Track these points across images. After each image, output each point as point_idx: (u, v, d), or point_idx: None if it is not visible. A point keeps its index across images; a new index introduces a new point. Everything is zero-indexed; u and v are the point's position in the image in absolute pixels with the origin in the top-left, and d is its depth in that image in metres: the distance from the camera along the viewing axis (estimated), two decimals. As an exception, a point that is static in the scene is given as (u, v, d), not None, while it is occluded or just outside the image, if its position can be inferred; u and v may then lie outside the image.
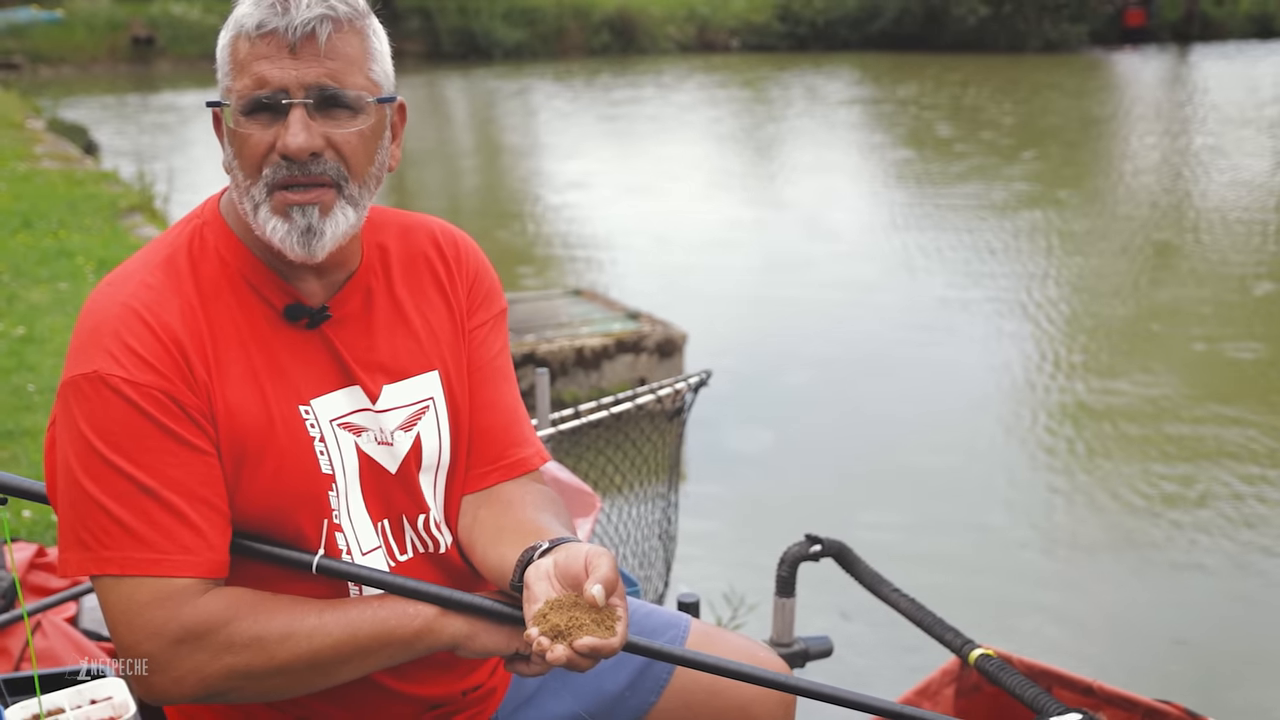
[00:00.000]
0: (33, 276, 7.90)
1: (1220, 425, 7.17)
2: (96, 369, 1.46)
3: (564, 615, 1.38)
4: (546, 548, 1.50)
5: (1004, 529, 5.99)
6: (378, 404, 1.62)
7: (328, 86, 1.49)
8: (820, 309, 9.74)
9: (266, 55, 1.48)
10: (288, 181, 1.50)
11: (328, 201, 1.52)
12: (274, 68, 1.47)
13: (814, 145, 18.65)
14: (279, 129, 1.49)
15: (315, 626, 1.48)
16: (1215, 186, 14.63)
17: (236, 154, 1.52)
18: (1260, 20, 36.02)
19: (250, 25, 1.48)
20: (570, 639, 1.36)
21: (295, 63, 1.48)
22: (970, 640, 2.11)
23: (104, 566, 1.45)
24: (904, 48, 32.44)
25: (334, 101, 1.50)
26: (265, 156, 1.50)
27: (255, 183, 1.51)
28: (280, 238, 1.51)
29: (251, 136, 1.50)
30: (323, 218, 1.51)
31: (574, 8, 33.95)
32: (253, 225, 1.53)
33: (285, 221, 1.51)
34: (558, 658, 1.36)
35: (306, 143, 1.48)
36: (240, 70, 1.50)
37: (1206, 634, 5.04)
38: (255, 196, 1.51)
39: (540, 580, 1.45)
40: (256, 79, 1.48)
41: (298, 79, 1.48)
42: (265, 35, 1.47)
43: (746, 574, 4.92)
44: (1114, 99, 24.28)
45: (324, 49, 1.49)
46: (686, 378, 3.17)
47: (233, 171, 1.54)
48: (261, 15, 1.48)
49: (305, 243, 1.51)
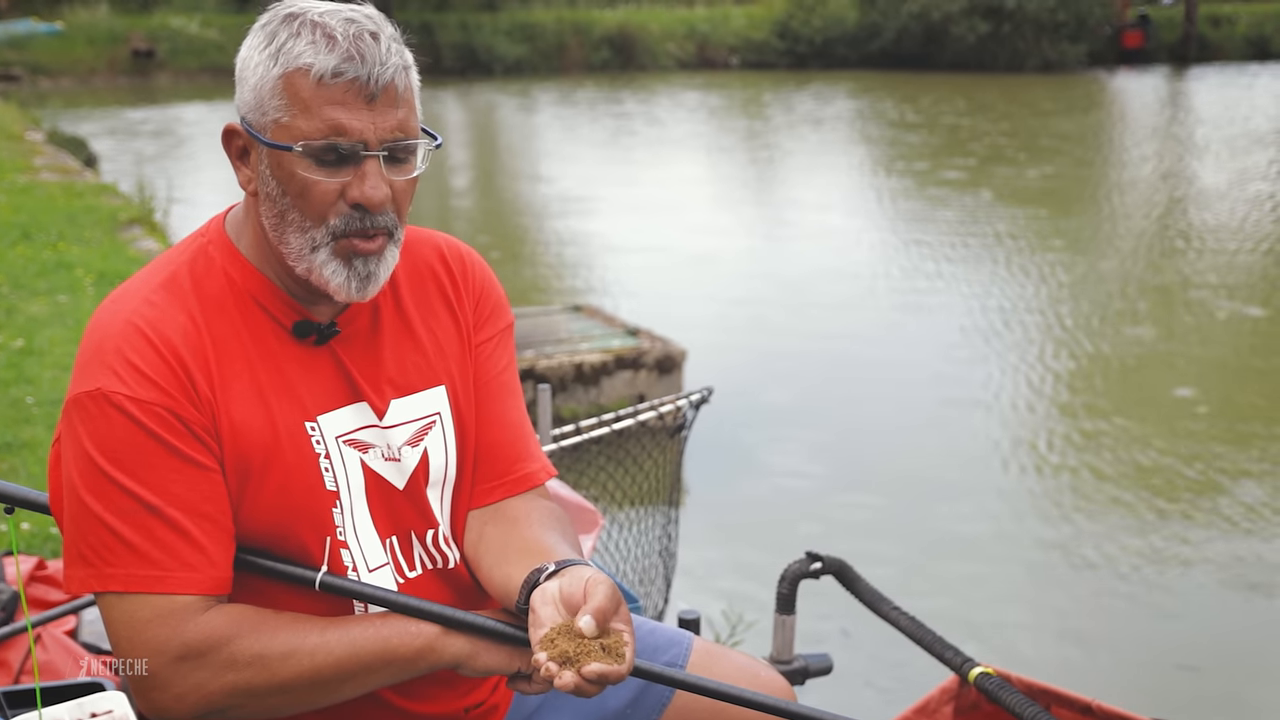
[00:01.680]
0: (32, 289, 7.90)
1: (1221, 445, 7.18)
2: (100, 386, 1.46)
3: (572, 642, 1.38)
4: (553, 570, 1.49)
5: (1007, 547, 5.99)
6: (385, 419, 1.63)
7: (401, 139, 1.50)
8: (821, 326, 9.75)
9: (342, 102, 1.46)
10: (357, 233, 1.51)
11: (384, 248, 1.54)
12: (352, 118, 1.46)
13: (813, 163, 18.69)
14: (349, 177, 1.49)
15: (317, 644, 1.48)
16: (1210, 204, 14.67)
17: (296, 196, 1.50)
18: (1257, 42, 36.14)
19: (324, 69, 1.45)
20: (578, 665, 1.35)
21: (372, 114, 1.47)
22: (969, 658, 2.11)
23: (107, 583, 1.45)
24: (903, 67, 32.52)
25: (403, 152, 1.52)
26: (333, 205, 1.50)
27: (318, 227, 1.50)
28: (339, 283, 1.52)
29: (320, 184, 1.48)
30: (379, 264, 1.54)
31: (574, 24, 34.04)
32: (296, 261, 1.53)
33: (346, 268, 1.52)
34: (566, 684, 1.35)
35: (386, 197, 1.50)
36: (307, 112, 1.46)
37: (1207, 653, 5.04)
38: (314, 239, 1.51)
39: (546, 605, 1.44)
40: (332, 126, 1.46)
41: (375, 131, 1.48)
42: (344, 83, 1.46)
43: (747, 591, 4.93)
44: (1111, 119, 24.35)
45: (399, 100, 1.50)
46: (688, 395, 3.18)
47: (281, 209, 1.51)
48: (337, 62, 1.45)
49: (362, 288, 1.53)
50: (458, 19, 32.90)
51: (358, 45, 1.46)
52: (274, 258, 1.56)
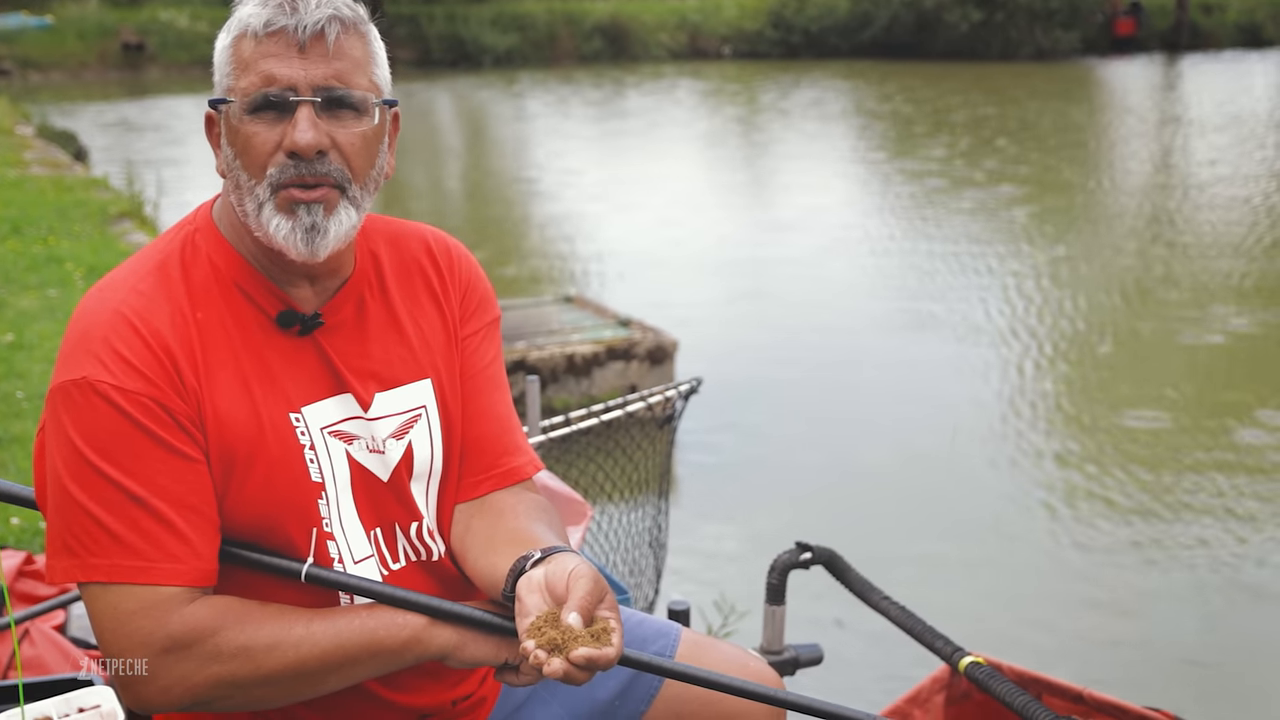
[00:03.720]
0: (22, 283, 7.88)
1: (1221, 442, 7.19)
2: (85, 375, 1.45)
3: (559, 629, 1.37)
4: (539, 558, 1.48)
5: (996, 537, 5.99)
6: (370, 412, 1.62)
7: (335, 87, 1.50)
8: (812, 317, 9.74)
9: (274, 54, 1.48)
10: (294, 180, 1.49)
11: (331, 201, 1.51)
12: (282, 66, 1.48)
13: (805, 154, 18.67)
14: (285, 127, 1.49)
15: (303, 636, 1.47)
16: (1202, 193, 14.68)
17: (240, 153, 1.51)
18: (1249, 29, 36.17)
19: (258, 24, 1.48)
20: (566, 652, 1.35)
21: (304, 61, 1.48)
22: (960, 648, 2.11)
23: (91, 574, 1.44)
24: (895, 55, 32.50)
25: (340, 102, 1.51)
26: (271, 155, 1.49)
27: (259, 182, 1.50)
28: (284, 236, 1.50)
29: (257, 135, 1.49)
30: (326, 217, 1.51)
31: (565, 14, 33.98)
32: (253, 226, 1.52)
33: (289, 219, 1.50)
34: (555, 671, 1.34)
35: (315, 140, 1.48)
36: (245, 68, 1.49)
37: (1199, 642, 5.05)
38: (259, 196, 1.50)
39: (532, 593, 1.43)
40: (264, 77, 1.48)
41: (306, 78, 1.48)
42: (273, 34, 1.48)
43: (737, 581, 4.92)
44: (1104, 107, 24.35)
45: (332, 49, 1.49)
46: (677, 385, 3.17)
47: (233, 172, 1.53)
48: (269, 14, 1.48)
49: (309, 240, 1.51)
50: (445, 10, 32.81)
51: (292, 1, 1.49)
52: (249, 237, 1.56)
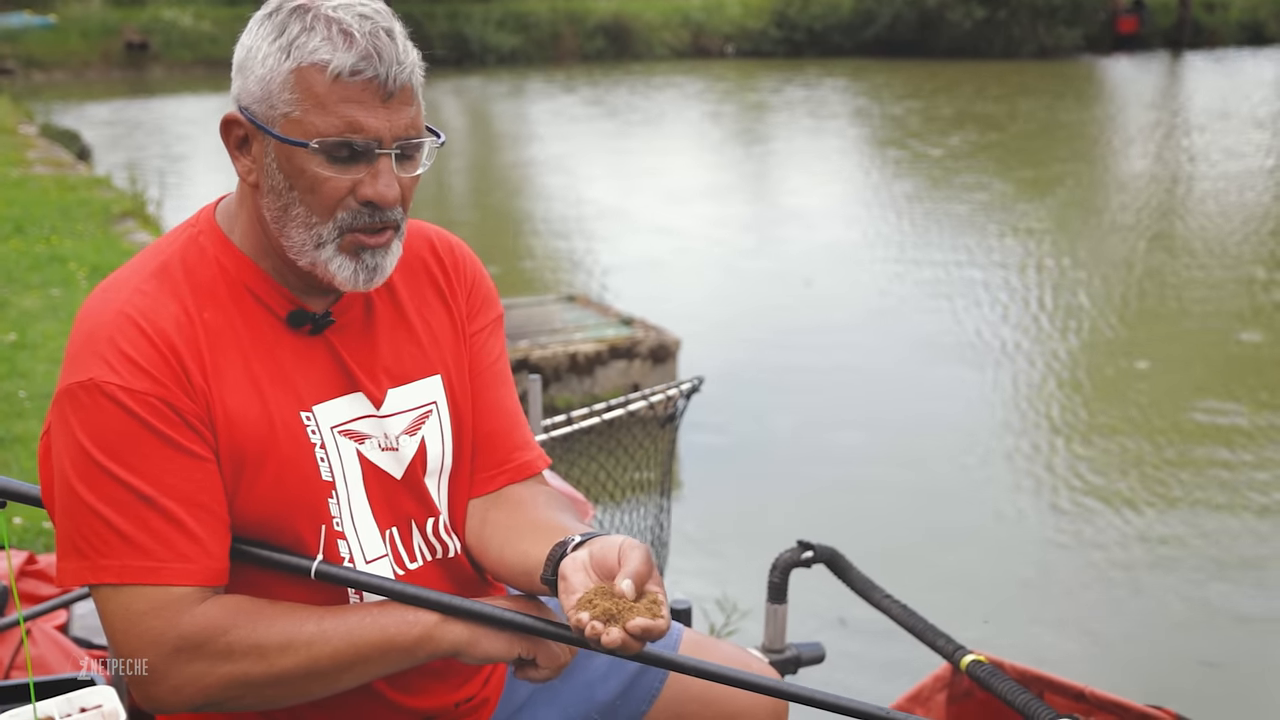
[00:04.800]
0: (25, 282, 7.89)
1: (1221, 440, 7.18)
2: (92, 377, 1.45)
3: (611, 601, 1.40)
4: (579, 541, 1.50)
5: (997, 535, 5.99)
6: (382, 409, 1.62)
7: (412, 138, 1.51)
8: (814, 316, 9.74)
9: (359, 100, 1.46)
10: (365, 227, 1.51)
11: (390, 241, 1.55)
12: (369, 116, 1.47)
13: (808, 152, 18.67)
14: (360, 174, 1.49)
15: (314, 634, 1.47)
16: (1205, 191, 14.67)
17: (304, 189, 1.49)
18: (1251, 27, 36.14)
19: (342, 67, 1.44)
20: (622, 622, 1.38)
21: (388, 113, 1.48)
22: (962, 646, 2.11)
23: (101, 575, 1.44)
24: (898, 54, 32.48)
25: (413, 150, 1.53)
26: (342, 200, 1.50)
27: (325, 222, 1.51)
28: (346, 276, 1.53)
29: (332, 179, 1.48)
30: (385, 256, 1.55)
31: (568, 13, 33.96)
32: (301, 255, 1.52)
33: (353, 262, 1.52)
34: (613, 640, 1.36)
35: (398, 195, 1.51)
36: (321, 107, 1.46)
37: (1201, 640, 5.04)
38: (322, 235, 1.51)
39: (578, 572, 1.45)
40: (349, 124, 1.46)
41: (390, 130, 1.48)
42: (361, 81, 1.46)
43: (739, 580, 4.92)
44: (1107, 105, 24.33)
45: (410, 99, 1.51)
46: (679, 384, 3.16)
47: (284, 200, 1.51)
48: (355, 61, 1.45)
49: (369, 280, 1.54)
50: (448, 9, 32.81)
51: (374, 43, 1.46)
52: (271, 248, 1.56)
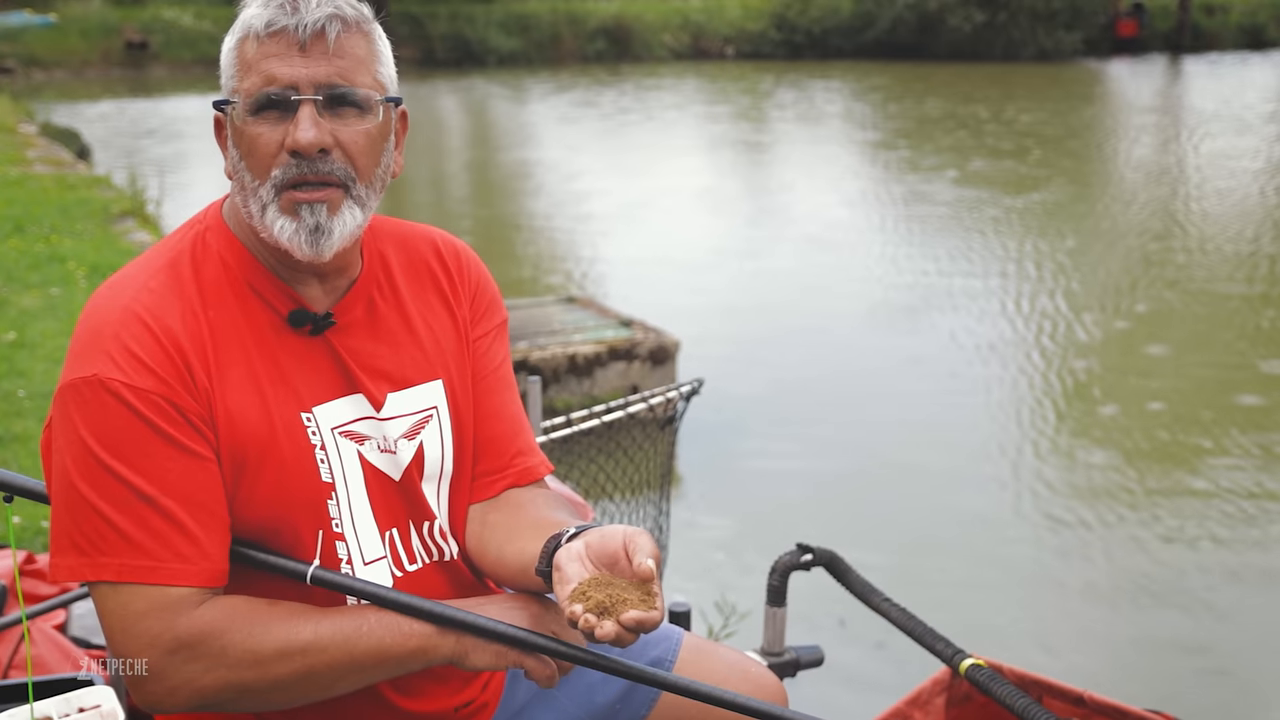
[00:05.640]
0: (24, 281, 7.89)
1: (1222, 442, 7.18)
2: (96, 373, 1.44)
3: (604, 592, 1.39)
4: (574, 532, 1.49)
5: (997, 538, 5.98)
6: (382, 412, 1.62)
7: (337, 85, 1.49)
8: (814, 318, 9.74)
9: (276, 53, 1.48)
10: (297, 180, 1.49)
11: (336, 201, 1.51)
12: (283, 65, 1.48)
13: (808, 154, 18.67)
14: (288, 127, 1.48)
15: (310, 642, 1.47)
16: (1205, 194, 14.68)
17: (244, 154, 1.51)
18: (1251, 31, 36.20)
19: (259, 25, 1.48)
20: (616, 614, 1.37)
21: (305, 60, 1.48)
22: (961, 650, 2.11)
23: (100, 573, 1.43)
24: (898, 57, 32.50)
25: (343, 100, 1.50)
26: (274, 156, 1.49)
27: (263, 183, 1.50)
28: (288, 237, 1.50)
29: (261, 136, 1.49)
30: (331, 216, 1.51)
31: (569, 15, 33.99)
32: (259, 227, 1.52)
33: (294, 220, 1.50)
34: (606, 633, 1.35)
35: (316, 138, 1.48)
36: (248, 69, 1.49)
37: (1201, 645, 5.04)
38: (263, 197, 1.50)
39: (572, 561, 1.44)
40: (265, 76, 1.48)
41: (308, 76, 1.48)
42: (275, 34, 1.48)
43: (738, 582, 4.92)
44: (1106, 108, 24.34)
45: (333, 48, 1.49)
46: (678, 386, 3.16)
47: (239, 173, 1.53)
48: (270, 15, 1.48)
49: (313, 241, 1.50)
50: (450, 10, 32.83)
51: (293, 1, 1.49)
52: (256, 237, 1.56)
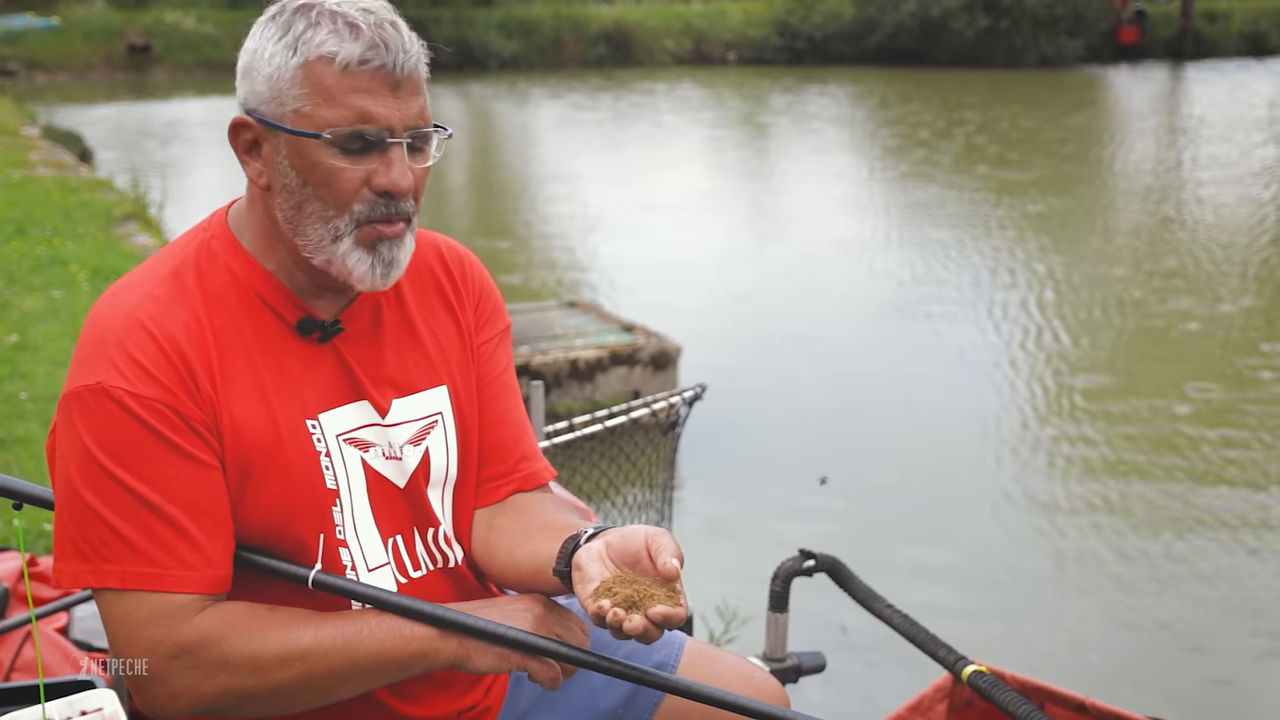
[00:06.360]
0: (26, 284, 7.89)
1: (1221, 447, 7.18)
2: (100, 381, 1.44)
3: (630, 588, 1.41)
4: (592, 533, 1.50)
5: (999, 545, 5.98)
6: (387, 418, 1.62)
7: (421, 127, 1.52)
8: (815, 323, 9.74)
9: (368, 90, 1.47)
10: (381, 218, 1.51)
11: (403, 234, 1.55)
12: (378, 104, 1.47)
13: (809, 160, 18.68)
14: (374, 165, 1.49)
15: (311, 647, 1.47)
16: (1205, 201, 14.69)
17: (318, 183, 1.49)
18: (1253, 38, 36.24)
19: (349, 57, 1.45)
20: (643, 609, 1.39)
21: (397, 101, 1.48)
22: (963, 656, 2.11)
23: (104, 579, 1.44)
24: (900, 62, 32.52)
25: (425, 140, 1.53)
26: (356, 192, 1.49)
27: (340, 215, 1.50)
28: (363, 271, 1.52)
29: (344, 171, 1.48)
30: (399, 249, 1.54)
31: (570, 19, 34.02)
32: (317, 252, 1.52)
33: (370, 255, 1.52)
34: (635, 626, 1.37)
35: (411, 184, 1.51)
36: (329, 99, 1.46)
37: (1203, 653, 5.03)
38: (339, 228, 1.50)
39: (593, 561, 1.45)
40: (359, 113, 1.47)
41: (400, 119, 1.49)
42: (368, 70, 1.46)
43: (740, 588, 4.91)
44: (1108, 114, 24.35)
45: (418, 88, 1.52)
46: (681, 391, 3.17)
47: (298, 197, 1.50)
48: (362, 50, 1.46)
49: (385, 274, 1.53)
50: (452, 14, 32.85)
51: (380, 34, 1.47)
52: (282, 251, 1.55)
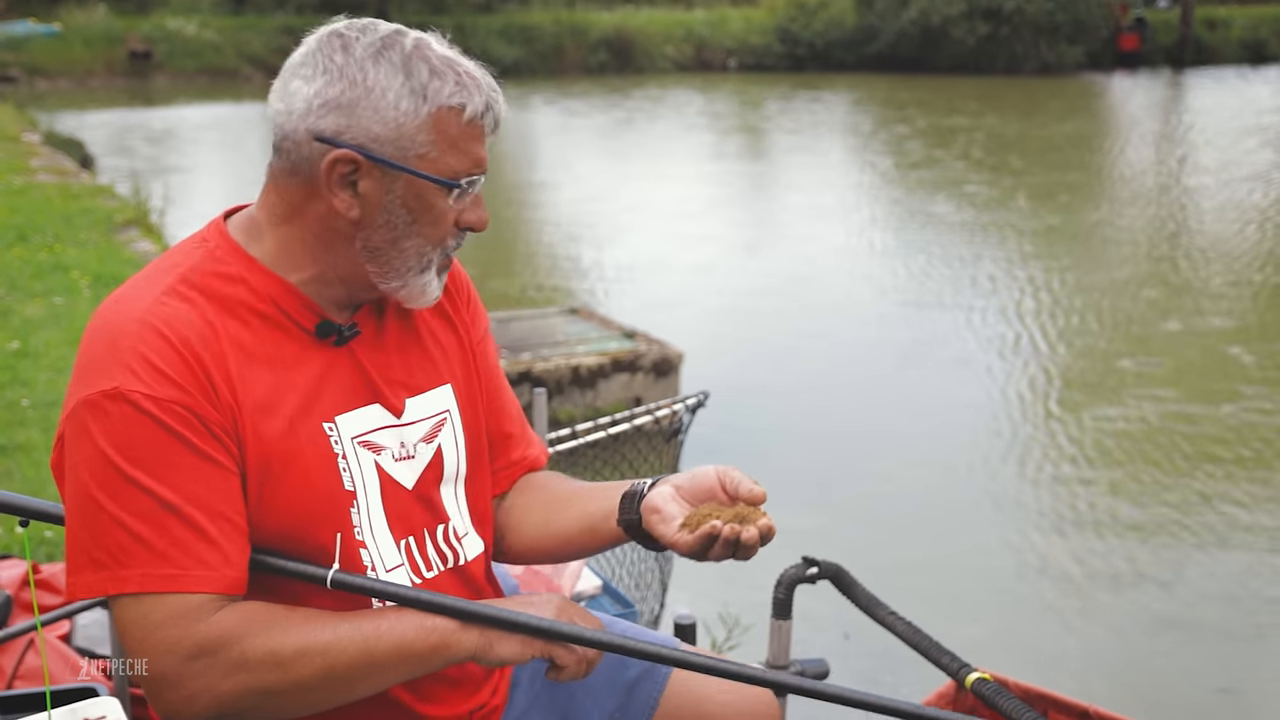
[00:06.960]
0: (27, 290, 7.89)
1: (1222, 454, 7.18)
2: (117, 385, 1.44)
3: (729, 512, 1.56)
4: (652, 483, 1.66)
5: (1002, 551, 5.98)
6: (402, 418, 1.65)
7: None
8: (817, 329, 9.75)
9: (477, 138, 1.57)
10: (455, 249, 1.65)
11: None
12: (483, 151, 1.59)
13: (810, 166, 18.70)
14: (464, 204, 1.59)
15: (330, 642, 1.47)
16: (1205, 208, 14.70)
17: (430, 224, 1.57)
18: (1252, 46, 36.28)
19: (475, 110, 1.55)
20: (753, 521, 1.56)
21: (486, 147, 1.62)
22: (967, 664, 2.10)
23: (122, 585, 1.43)
24: (901, 69, 32.57)
25: None
26: (449, 227, 1.60)
27: (435, 249, 1.60)
28: (431, 294, 1.63)
29: (449, 211, 1.58)
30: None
31: (571, 26, 34.08)
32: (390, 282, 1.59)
33: (439, 280, 1.64)
34: (752, 536, 1.55)
35: None
36: (452, 147, 1.55)
37: (1204, 661, 5.03)
38: (432, 260, 1.60)
39: (669, 502, 1.61)
40: (475, 161, 1.57)
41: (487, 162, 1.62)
42: (482, 120, 1.56)
43: (742, 595, 4.91)
44: (1108, 121, 24.38)
45: None
46: (684, 398, 3.17)
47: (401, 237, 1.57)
48: (483, 102, 1.56)
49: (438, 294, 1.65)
50: (453, 20, 32.90)
51: (489, 84, 1.58)
52: (322, 265, 1.57)
